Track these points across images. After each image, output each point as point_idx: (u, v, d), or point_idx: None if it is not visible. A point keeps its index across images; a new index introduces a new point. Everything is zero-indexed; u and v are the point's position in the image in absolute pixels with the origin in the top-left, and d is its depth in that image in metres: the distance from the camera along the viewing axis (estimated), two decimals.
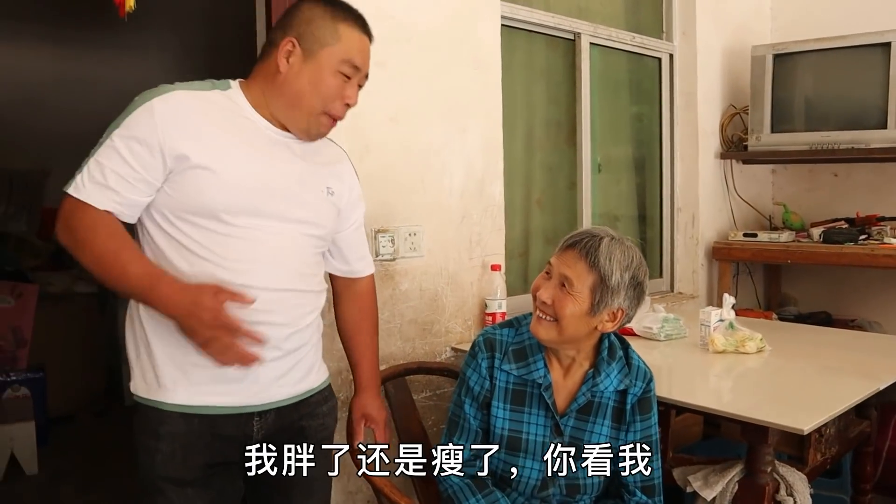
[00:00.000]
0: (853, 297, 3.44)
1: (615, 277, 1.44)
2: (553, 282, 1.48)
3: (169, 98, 1.32)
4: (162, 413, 1.35)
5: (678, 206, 3.35)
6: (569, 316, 1.45)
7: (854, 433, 2.16)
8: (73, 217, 1.29)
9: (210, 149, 1.32)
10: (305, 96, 1.38)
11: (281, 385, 1.43)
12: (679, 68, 3.31)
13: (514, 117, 2.66)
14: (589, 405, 1.55)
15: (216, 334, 1.25)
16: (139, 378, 1.38)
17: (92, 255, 1.27)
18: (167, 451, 1.35)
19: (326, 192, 1.48)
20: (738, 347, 2.13)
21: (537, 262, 2.88)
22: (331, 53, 1.37)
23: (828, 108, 3.14)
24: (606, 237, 1.47)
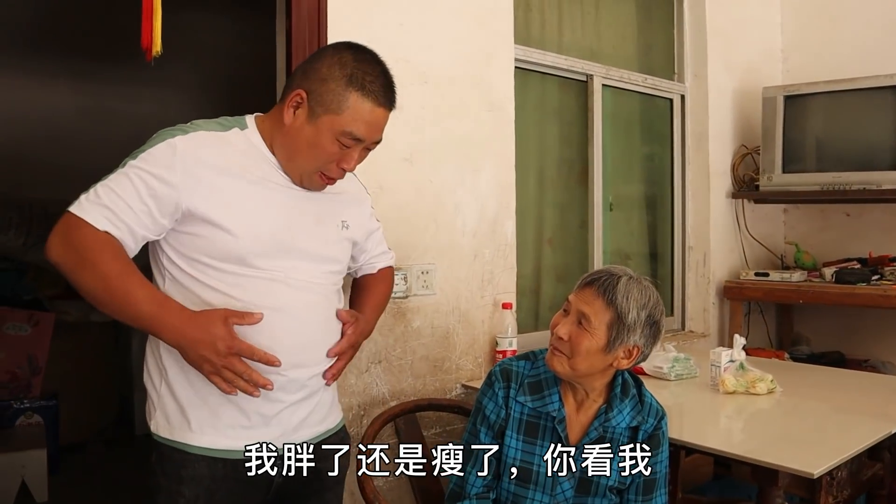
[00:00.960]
0: (866, 338, 3.42)
1: (632, 315, 1.47)
2: (571, 318, 1.51)
3: (190, 139, 1.32)
4: (186, 455, 1.34)
5: (689, 245, 3.36)
6: (584, 352, 1.48)
7: (867, 476, 2.14)
8: (72, 233, 1.24)
9: (229, 194, 1.32)
10: (301, 154, 1.36)
11: (305, 426, 1.44)
12: (690, 109, 3.36)
13: (526, 157, 2.70)
14: (600, 440, 1.56)
15: (228, 362, 1.26)
16: (162, 418, 1.36)
17: (94, 276, 1.23)
18: (190, 497, 1.33)
19: (341, 226, 1.49)
20: (748, 388, 2.13)
21: (548, 300, 2.89)
22: (332, 122, 1.33)
23: (839, 149, 3.16)
24: (625, 276, 1.51)
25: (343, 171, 1.39)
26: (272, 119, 1.41)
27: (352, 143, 1.36)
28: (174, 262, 1.34)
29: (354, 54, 1.36)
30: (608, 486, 1.57)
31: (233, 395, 1.28)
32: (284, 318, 1.35)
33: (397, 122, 2.08)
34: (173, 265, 1.34)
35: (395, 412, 1.99)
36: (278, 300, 1.35)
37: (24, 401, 3.68)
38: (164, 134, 1.32)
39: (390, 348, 2.16)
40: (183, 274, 1.34)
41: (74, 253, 1.24)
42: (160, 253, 1.36)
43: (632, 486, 1.58)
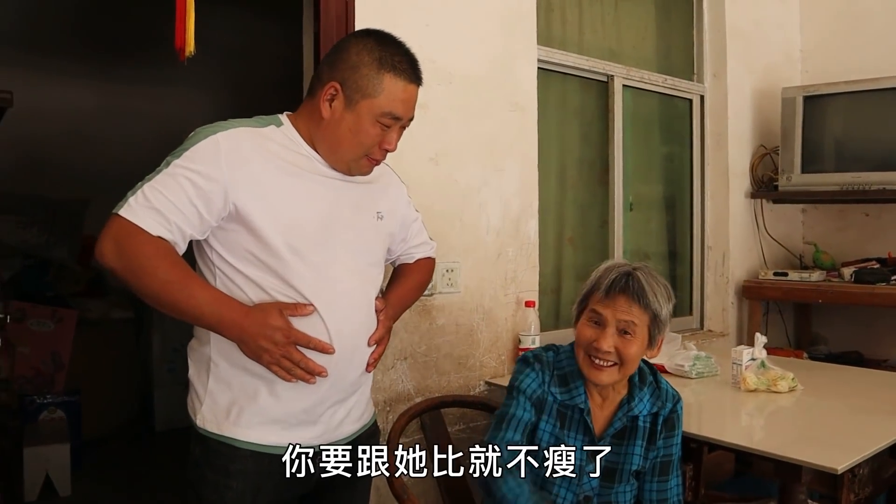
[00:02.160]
0: (885, 338, 3.43)
1: (664, 311, 1.56)
2: (610, 330, 1.54)
3: (231, 135, 1.34)
4: (235, 451, 1.37)
5: (708, 245, 3.38)
6: (634, 355, 1.55)
7: (888, 473, 2.15)
8: (125, 241, 1.26)
9: (273, 189, 1.35)
10: (345, 143, 1.40)
11: (346, 423, 1.48)
12: (710, 109, 3.38)
13: (548, 157, 2.73)
14: (624, 430, 1.60)
15: (286, 351, 1.31)
16: (209, 412, 1.39)
17: (156, 283, 1.27)
18: (238, 490, 1.37)
19: (377, 216, 1.52)
20: (769, 386, 2.16)
21: (569, 299, 2.92)
22: (372, 105, 1.37)
23: (858, 150, 3.18)
24: (639, 272, 1.56)
25: (385, 151, 1.43)
26: (305, 115, 1.44)
27: (391, 122, 1.40)
28: (224, 259, 1.37)
29: (377, 39, 1.40)
30: (631, 472, 1.61)
31: (291, 382, 1.34)
32: (330, 312, 1.38)
33: (423, 121, 2.13)
34: (223, 261, 1.37)
35: (420, 408, 2.03)
36: (325, 294, 1.38)
37: (47, 396, 3.74)
38: (204, 131, 1.35)
39: (416, 345, 2.19)
40: (232, 270, 1.37)
41: (131, 261, 1.26)
42: (208, 250, 1.39)
43: (649, 468, 1.62)
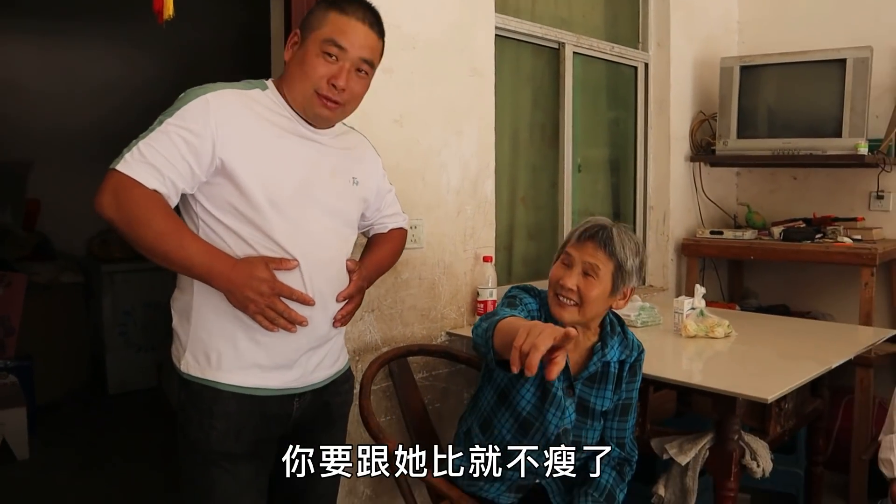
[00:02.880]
0: (809, 292, 3.70)
1: (630, 262, 1.69)
2: (575, 270, 1.68)
3: (220, 95, 1.42)
4: (217, 393, 1.46)
5: (651, 205, 3.58)
6: (594, 298, 1.67)
7: (809, 409, 2.40)
8: (123, 193, 1.33)
9: (261, 145, 1.44)
10: (296, 78, 1.47)
11: (320, 369, 1.59)
12: (653, 76, 3.54)
13: (503, 121, 2.84)
14: (596, 374, 1.76)
15: (271, 301, 1.39)
16: (192, 358, 1.48)
17: (151, 233, 1.34)
18: (221, 429, 1.46)
19: (352, 181, 1.60)
20: (707, 333, 2.35)
21: (521, 256, 3.07)
22: (315, 37, 1.45)
23: (789, 117, 3.38)
24: (614, 227, 1.70)
25: (334, 88, 1.46)
26: (284, 77, 1.52)
27: (335, 51, 1.44)
28: (207, 211, 1.44)
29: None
30: (600, 412, 1.77)
31: (274, 332, 1.42)
32: (306, 267, 1.47)
33: (389, 84, 2.24)
34: (207, 213, 1.45)
35: (388, 356, 2.15)
36: (301, 249, 1.47)
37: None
38: (194, 92, 1.42)
39: (382, 298, 2.31)
40: (215, 221, 1.44)
41: (128, 212, 1.34)
42: (193, 203, 1.46)
43: (612, 409, 1.80)
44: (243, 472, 1.49)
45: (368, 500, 2.33)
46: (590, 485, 1.77)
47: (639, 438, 1.93)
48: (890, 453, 1.86)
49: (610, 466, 1.80)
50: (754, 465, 1.96)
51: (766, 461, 1.99)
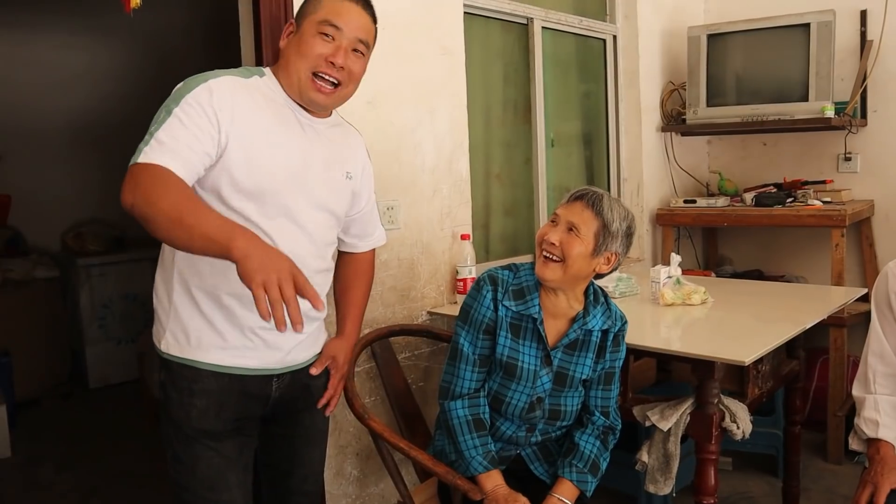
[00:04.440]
0: (782, 255, 3.77)
1: (615, 224, 1.71)
2: (561, 227, 1.71)
3: (221, 82, 1.42)
4: (197, 371, 1.48)
5: (624, 177, 3.61)
6: (575, 255, 1.69)
7: (786, 370, 2.45)
8: (140, 176, 1.27)
9: (258, 132, 1.43)
10: (292, 62, 1.48)
11: (298, 351, 1.60)
12: (622, 48, 3.55)
13: (474, 98, 2.84)
14: (576, 341, 1.78)
15: (284, 280, 1.17)
16: (171, 337, 1.49)
17: (169, 206, 1.22)
18: (202, 407, 1.47)
19: (346, 176, 1.61)
20: (684, 300, 2.39)
21: (498, 233, 3.09)
22: (311, 20, 1.47)
23: (756, 84, 3.42)
24: (606, 194, 1.74)
25: (332, 65, 1.47)
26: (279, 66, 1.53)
27: (332, 30, 1.47)
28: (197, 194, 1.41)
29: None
30: (580, 380, 1.80)
31: (266, 319, 1.16)
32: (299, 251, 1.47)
33: None
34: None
35: (371, 338, 2.16)
36: (288, 237, 1.47)
37: None
38: (195, 80, 1.40)
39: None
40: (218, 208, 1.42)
41: (145, 189, 1.25)
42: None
43: (595, 378, 1.83)
44: (227, 448, 1.50)
45: (356, 480, 2.35)
46: (573, 454, 1.80)
47: (621, 407, 1.96)
48: (875, 413, 1.90)
49: (594, 436, 1.83)
50: (734, 427, 2.01)
51: (745, 423, 2.03)
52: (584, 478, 1.77)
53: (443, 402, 1.82)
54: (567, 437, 1.87)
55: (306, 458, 1.73)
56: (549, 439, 1.87)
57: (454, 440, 1.77)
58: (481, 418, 1.78)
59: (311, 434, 1.74)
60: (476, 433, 1.75)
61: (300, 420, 1.69)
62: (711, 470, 1.97)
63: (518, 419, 1.80)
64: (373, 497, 2.40)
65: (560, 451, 1.87)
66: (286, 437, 1.69)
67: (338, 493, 2.30)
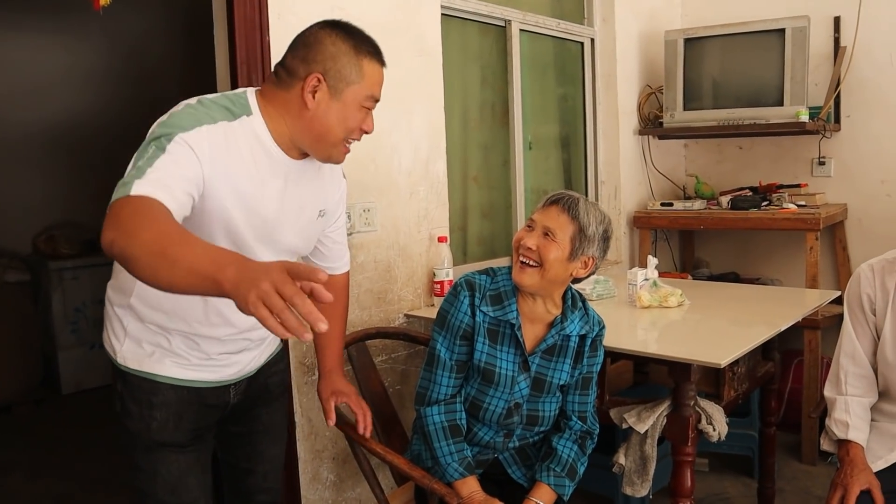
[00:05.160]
0: (757, 258, 3.80)
1: (592, 228, 1.69)
2: (537, 232, 1.70)
3: (203, 135, 1.29)
4: (155, 384, 1.47)
5: (602, 180, 3.61)
6: (552, 260, 1.67)
7: (761, 372, 2.46)
8: (122, 209, 1.13)
9: (230, 190, 1.35)
10: (332, 131, 1.41)
11: (255, 361, 1.61)
12: (600, 52, 3.56)
13: (451, 100, 2.83)
14: (554, 347, 1.78)
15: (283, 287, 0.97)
16: (129, 352, 1.48)
17: (151, 238, 1.06)
18: (161, 419, 1.47)
19: (319, 214, 1.58)
20: (661, 302, 2.40)
21: (475, 236, 3.08)
22: (356, 91, 1.40)
23: (732, 88, 3.45)
24: (582, 198, 1.73)
25: (363, 133, 1.47)
26: (282, 107, 1.40)
27: (372, 104, 1.45)
28: None
29: (344, 28, 1.42)
30: (557, 385, 1.79)
31: (287, 337, 1.07)
32: None
33: None
34: None
35: (347, 341, 2.13)
36: None
37: None
38: (179, 121, 1.29)
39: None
40: None
41: (124, 222, 1.11)
42: None
43: (573, 383, 1.82)
44: (186, 454, 1.51)
45: (332, 485, 2.32)
46: (551, 458, 1.79)
47: (598, 409, 1.96)
48: (846, 415, 1.91)
49: (571, 440, 1.83)
50: (710, 430, 2.01)
51: (721, 425, 2.04)
52: (562, 482, 1.77)
53: (419, 408, 1.80)
54: (545, 442, 1.86)
55: (266, 455, 1.73)
56: (527, 444, 1.86)
57: (430, 446, 1.76)
58: (458, 424, 1.76)
59: (270, 429, 1.74)
60: (452, 439, 1.74)
61: (257, 416, 1.70)
62: (688, 472, 1.97)
63: (496, 425, 1.79)
64: (349, 501, 2.38)
65: (538, 455, 1.86)
66: (244, 435, 1.70)
67: (314, 498, 2.27)
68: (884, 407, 1.96)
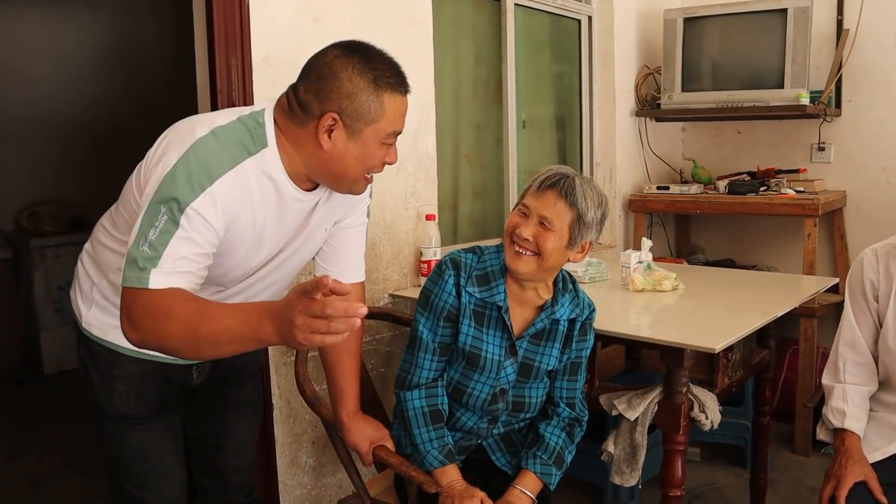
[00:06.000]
0: (754, 245, 3.73)
1: (590, 214, 1.59)
2: (532, 220, 1.59)
3: (209, 201, 1.21)
4: (117, 355, 1.44)
5: (597, 161, 3.53)
6: (550, 249, 1.57)
7: (756, 360, 2.39)
8: (134, 308, 1.16)
9: (241, 234, 1.30)
10: (351, 171, 1.32)
11: None
12: (597, 30, 3.47)
13: (443, 75, 2.74)
14: (542, 331, 1.69)
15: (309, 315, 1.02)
16: (95, 320, 1.45)
17: (178, 332, 1.12)
18: (123, 392, 1.45)
19: (332, 224, 1.51)
20: (655, 286, 2.32)
21: (466, 215, 3.00)
22: (377, 130, 1.29)
23: (732, 69, 3.37)
24: (577, 177, 1.61)
25: (384, 166, 1.38)
26: (297, 144, 1.31)
27: (394, 139, 1.35)
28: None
29: (361, 56, 1.29)
30: (545, 371, 1.71)
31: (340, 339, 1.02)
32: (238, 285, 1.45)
33: (320, 36, 2.10)
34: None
35: None
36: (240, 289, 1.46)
37: None
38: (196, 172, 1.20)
39: None
40: None
41: (148, 327, 1.15)
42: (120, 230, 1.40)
43: (561, 368, 1.74)
44: (154, 424, 1.50)
45: (312, 470, 2.25)
46: (537, 446, 1.72)
47: (587, 395, 1.89)
48: (843, 403, 1.85)
49: (559, 428, 1.75)
50: (703, 418, 1.94)
51: (714, 413, 1.96)
52: (549, 470, 1.69)
53: (399, 392, 1.72)
54: (531, 429, 1.79)
55: (237, 431, 1.68)
56: (513, 430, 1.79)
57: (409, 432, 1.68)
58: (439, 409, 1.68)
59: (240, 405, 1.69)
60: (433, 425, 1.66)
61: (227, 392, 1.66)
62: (679, 461, 1.90)
63: (480, 410, 1.71)
64: (329, 487, 2.31)
65: (524, 441, 1.78)
66: (214, 410, 1.66)
67: (292, 483, 2.20)
68: (883, 397, 1.89)
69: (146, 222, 1.18)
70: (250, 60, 2.00)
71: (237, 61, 1.97)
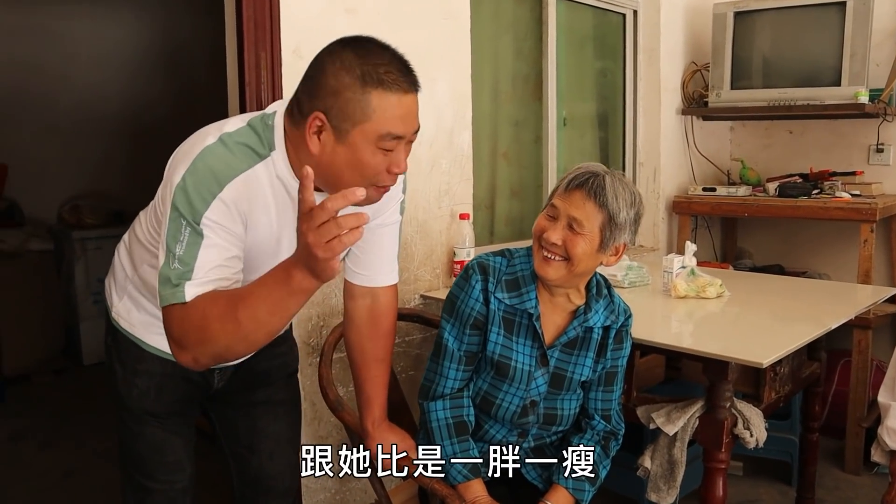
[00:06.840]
0: (805, 250, 3.58)
1: (622, 215, 1.48)
2: (560, 223, 1.50)
3: (234, 190, 1.19)
4: (142, 351, 1.45)
5: (640, 161, 3.42)
6: (580, 254, 1.48)
7: (806, 373, 2.27)
8: (174, 329, 1.16)
9: (259, 229, 1.27)
10: (345, 177, 1.20)
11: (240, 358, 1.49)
12: (643, 24, 3.36)
13: (481, 70, 2.67)
14: (575, 339, 1.60)
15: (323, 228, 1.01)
16: (124, 309, 1.47)
17: (221, 333, 1.11)
18: (143, 388, 1.46)
19: None
20: (699, 293, 2.21)
21: (503, 215, 2.92)
22: (365, 131, 1.17)
23: (785, 66, 3.23)
24: (607, 174, 1.50)
25: (395, 175, 1.24)
26: (294, 141, 1.24)
27: (393, 143, 1.20)
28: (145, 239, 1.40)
29: (355, 50, 1.18)
30: (578, 381, 1.62)
31: (359, 233, 1.00)
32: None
33: (353, 28, 2.04)
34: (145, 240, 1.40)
35: None
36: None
37: None
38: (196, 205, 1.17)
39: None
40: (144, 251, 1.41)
41: (193, 346, 1.14)
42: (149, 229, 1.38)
43: (596, 379, 1.64)
44: (170, 423, 1.51)
45: None
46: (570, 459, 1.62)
47: (624, 407, 1.79)
48: None
49: (593, 441, 1.66)
50: (747, 435, 1.83)
51: (759, 430, 1.85)
52: (581, 486, 1.60)
53: (423, 403, 1.64)
54: (564, 443, 1.69)
55: (269, 432, 1.62)
56: (544, 444, 1.70)
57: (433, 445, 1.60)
58: (464, 421, 1.60)
59: (269, 404, 1.62)
60: (457, 438, 1.59)
61: (253, 392, 1.61)
62: (720, 480, 1.80)
63: (509, 423, 1.62)
64: (354, 492, 2.25)
65: (556, 455, 1.69)
66: (241, 409, 1.61)
67: (316, 487, 2.15)
68: None
69: (171, 238, 1.16)
70: (280, 53, 1.96)
71: (266, 54, 1.93)
